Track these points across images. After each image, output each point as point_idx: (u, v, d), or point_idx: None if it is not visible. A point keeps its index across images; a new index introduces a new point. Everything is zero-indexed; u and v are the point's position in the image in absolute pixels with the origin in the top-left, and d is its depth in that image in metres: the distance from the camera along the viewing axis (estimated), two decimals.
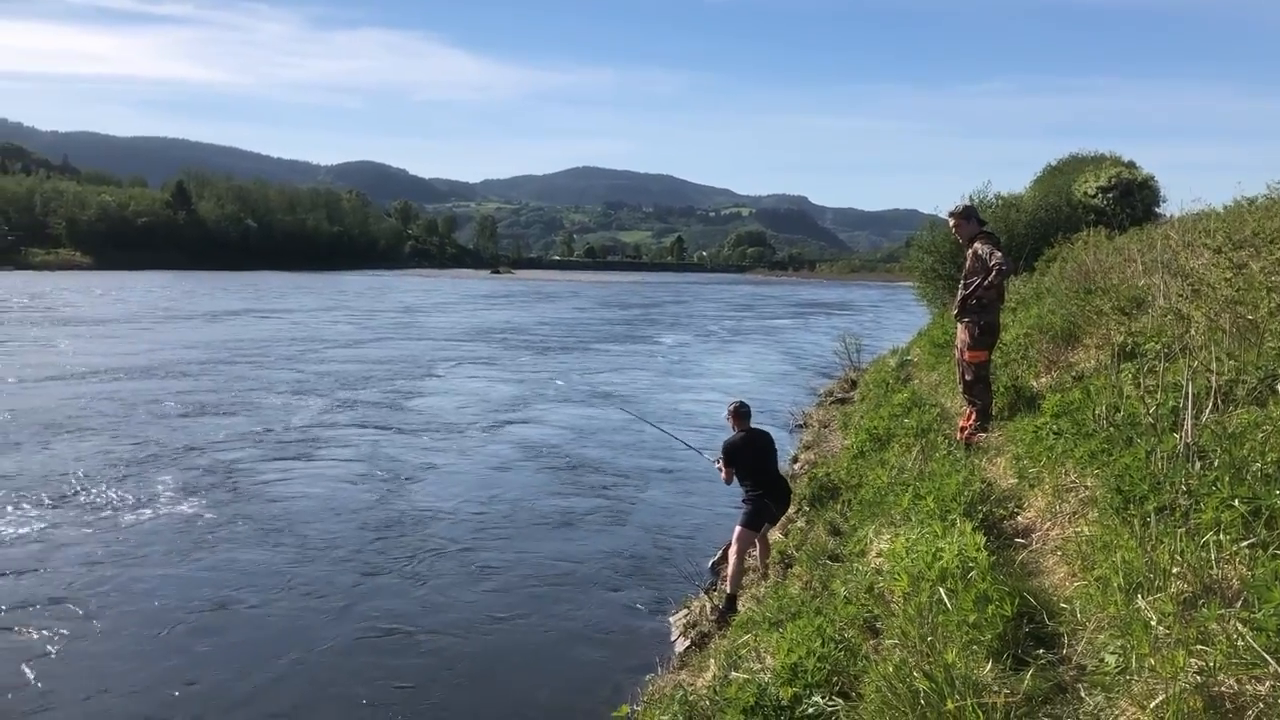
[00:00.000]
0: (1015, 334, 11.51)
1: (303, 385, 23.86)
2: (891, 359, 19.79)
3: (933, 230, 24.81)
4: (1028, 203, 24.20)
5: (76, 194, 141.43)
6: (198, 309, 51.88)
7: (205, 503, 12.67)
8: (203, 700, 7.32)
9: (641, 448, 17.00)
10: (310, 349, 32.76)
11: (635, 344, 39.63)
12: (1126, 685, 3.45)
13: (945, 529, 5.50)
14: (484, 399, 22.80)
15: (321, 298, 68.84)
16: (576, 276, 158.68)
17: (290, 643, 8.39)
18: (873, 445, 10.83)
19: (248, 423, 18.47)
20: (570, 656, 8.46)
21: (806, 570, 7.69)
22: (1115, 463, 5.52)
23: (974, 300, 8.73)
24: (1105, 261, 13.17)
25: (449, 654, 8.35)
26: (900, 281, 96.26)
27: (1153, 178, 24.24)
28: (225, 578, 9.93)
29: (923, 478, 7.48)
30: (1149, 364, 7.11)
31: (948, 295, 21.12)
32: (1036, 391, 9.24)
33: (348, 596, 9.54)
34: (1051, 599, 4.66)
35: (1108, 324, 9.50)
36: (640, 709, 6.35)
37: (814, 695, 4.76)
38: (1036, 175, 29.53)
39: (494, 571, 10.45)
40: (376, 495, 13.46)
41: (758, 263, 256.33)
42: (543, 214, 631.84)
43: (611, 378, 27.73)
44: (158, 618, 8.85)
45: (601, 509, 13.16)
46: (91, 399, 20.41)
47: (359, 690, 7.55)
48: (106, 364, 26.43)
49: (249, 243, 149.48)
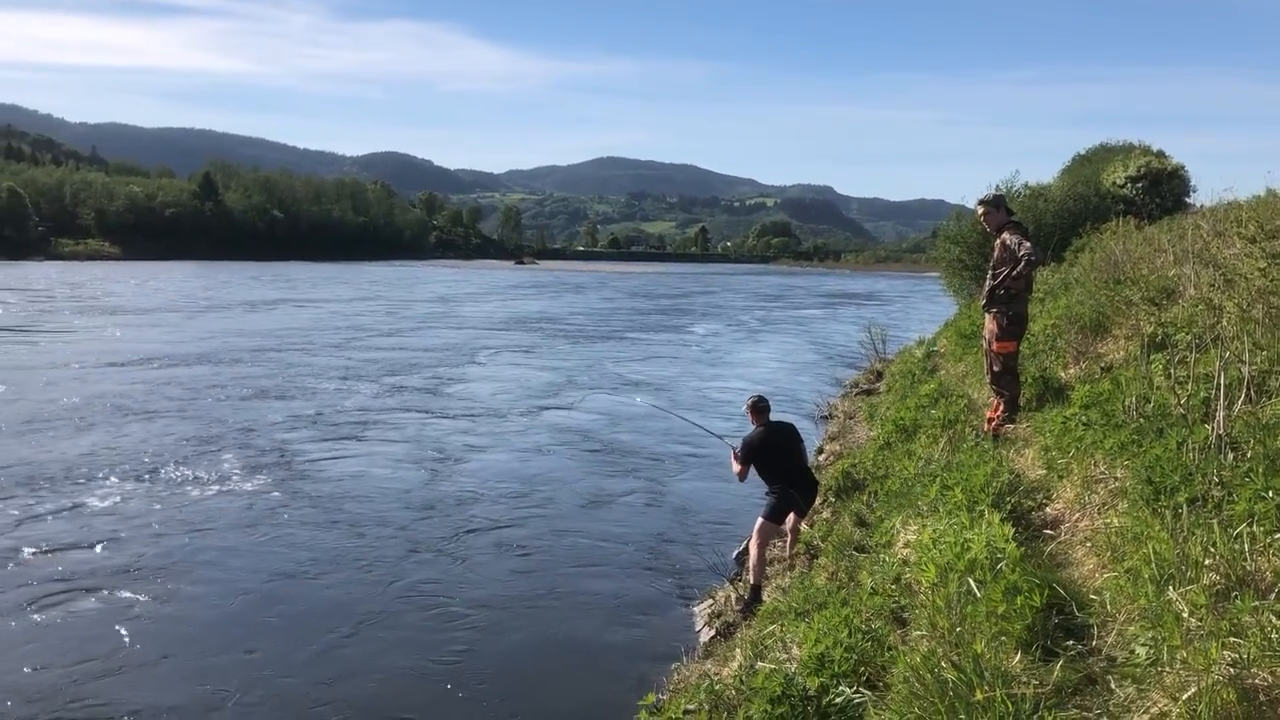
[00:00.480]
0: (1043, 325, 11.44)
1: (351, 371, 24.66)
2: (918, 350, 19.70)
3: (960, 220, 24.66)
4: (1056, 192, 24.02)
5: (105, 185, 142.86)
6: (235, 298, 52.86)
7: (265, 481, 13.26)
8: (261, 666, 7.71)
9: (671, 434, 17.18)
10: (354, 337, 33.66)
11: (668, 333, 40.12)
12: (1158, 677, 3.43)
13: (973, 520, 5.48)
14: (524, 385, 23.38)
15: (354, 288, 69.70)
16: (600, 267, 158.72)
17: (342, 615, 8.76)
18: (899, 436, 10.79)
19: (302, 406, 19.27)
20: (597, 644, 8.49)
21: (833, 561, 7.68)
22: (1146, 454, 5.48)
23: (1002, 291, 8.67)
24: (1134, 252, 13.06)
25: (483, 636, 8.47)
26: (926, 272, 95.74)
27: (1183, 167, 24.00)
28: (284, 551, 10.46)
29: (950, 469, 7.46)
30: (1180, 355, 7.05)
31: (974, 286, 21.01)
32: (1065, 382, 9.17)
33: (394, 572, 9.92)
34: (1081, 590, 4.63)
35: (1137, 314, 9.43)
36: (666, 698, 6.36)
37: (841, 685, 4.76)
38: (1065, 165, 29.33)
39: (525, 556, 10.64)
40: (422, 476, 13.96)
41: (782, 253, 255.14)
42: (567, 204, 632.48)
43: (645, 366, 28.09)
44: (222, 587, 9.35)
45: (630, 496, 13.30)
46: (154, 384, 21.34)
47: (403, 662, 7.87)
48: (161, 351, 27.41)
49: (275, 233, 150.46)
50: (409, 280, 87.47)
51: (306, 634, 8.33)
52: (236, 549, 10.44)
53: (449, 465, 14.67)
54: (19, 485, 12.56)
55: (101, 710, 6.90)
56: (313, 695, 7.26)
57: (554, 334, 37.83)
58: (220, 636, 8.26)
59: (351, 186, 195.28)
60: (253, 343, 30.53)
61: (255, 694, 7.23)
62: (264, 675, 7.52)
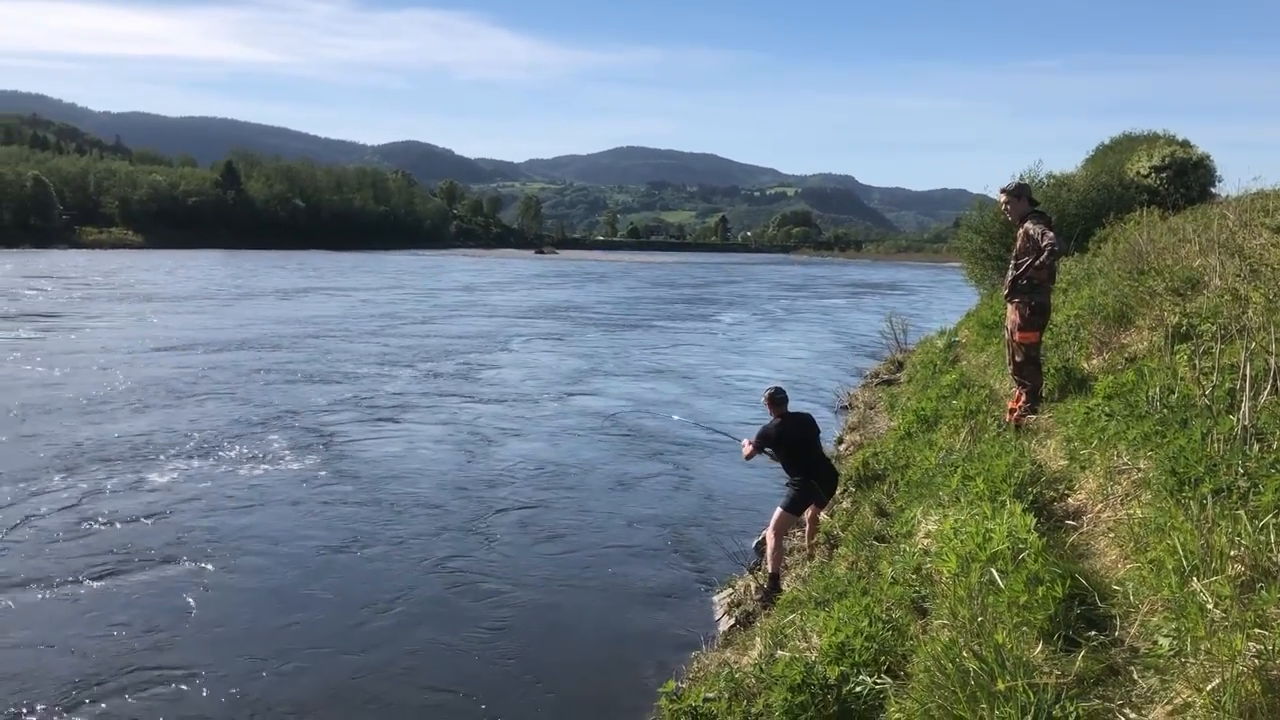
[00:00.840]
0: (1066, 315, 11.37)
1: (388, 357, 25.67)
2: (939, 340, 19.62)
3: (982, 210, 24.50)
4: (1079, 182, 23.80)
5: (128, 174, 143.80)
6: (266, 286, 54.10)
7: (311, 461, 14.00)
8: (304, 636, 8.18)
9: (700, 423, 17.40)
10: (388, 324, 34.85)
11: (693, 321, 41.26)
12: (1181, 668, 3.41)
13: (995, 510, 5.46)
14: (556, 371, 24.24)
15: (381, 277, 71.05)
16: (621, 257, 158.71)
17: (378, 591, 9.19)
18: (920, 426, 10.76)
19: (344, 390, 20.22)
20: (617, 631, 8.54)
21: (853, 551, 7.68)
22: (1169, 444, 5.45)
23: (1025, 281, 8.62)
24: (1159, 242, 12.94)
25: (506, 620, 8.65)
26: (947, 262, 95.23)
27: (1208, 157, 23.70)
28: (328, 527, 11.04)
29: (972, 459, 7.42)
30: (1205, 345, 7.00)
31: (996, 276, 20.89)
32: (1087, 373, 9.12)
33: (427, 550, 10.36)
34: (1103, 581, 4.62)
35: (1161, 305, 9.36)
36: (686, 685, 6.38)
37: (861, 674, 4.77)
38: (1088, 154, 29.04)
39: (550, 540, 10.92)
40: (457, 457, 14.60)
41: (803, 243, 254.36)
42: (587, 194, 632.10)
43: (672, 354, 28.93)
44: (271, 560, 9.93)
45: (653, 483, 13.54)
46: (202, 368, 22.34)
47: (432, 640, 8.18)
48: (204, 337, 28.62)
49: (296, 222, 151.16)
50: (433, 269, 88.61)
51: (346, 608, 8.74)
52: (285, 524, 11.06)
53: (482, 447, 15.26)
54: (89, 462, 13.36)
55: (158, 673, 7.35)
56: (349, 666, 7.61)
57: (583, 322, 38.95)
58: (268, 606, 8.74)
59: (372, 175, 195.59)
60: (291, 329, 31.71)
61: (297, 661, 7.64)
62: (306, 645, 7.96)
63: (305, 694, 7.15)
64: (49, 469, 12.89)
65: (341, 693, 7.21)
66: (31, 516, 10.92)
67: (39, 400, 17.60)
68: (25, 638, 7.89)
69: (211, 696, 7.04)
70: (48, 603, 8.63)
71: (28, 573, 9.24)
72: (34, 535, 10.35)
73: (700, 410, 18.31)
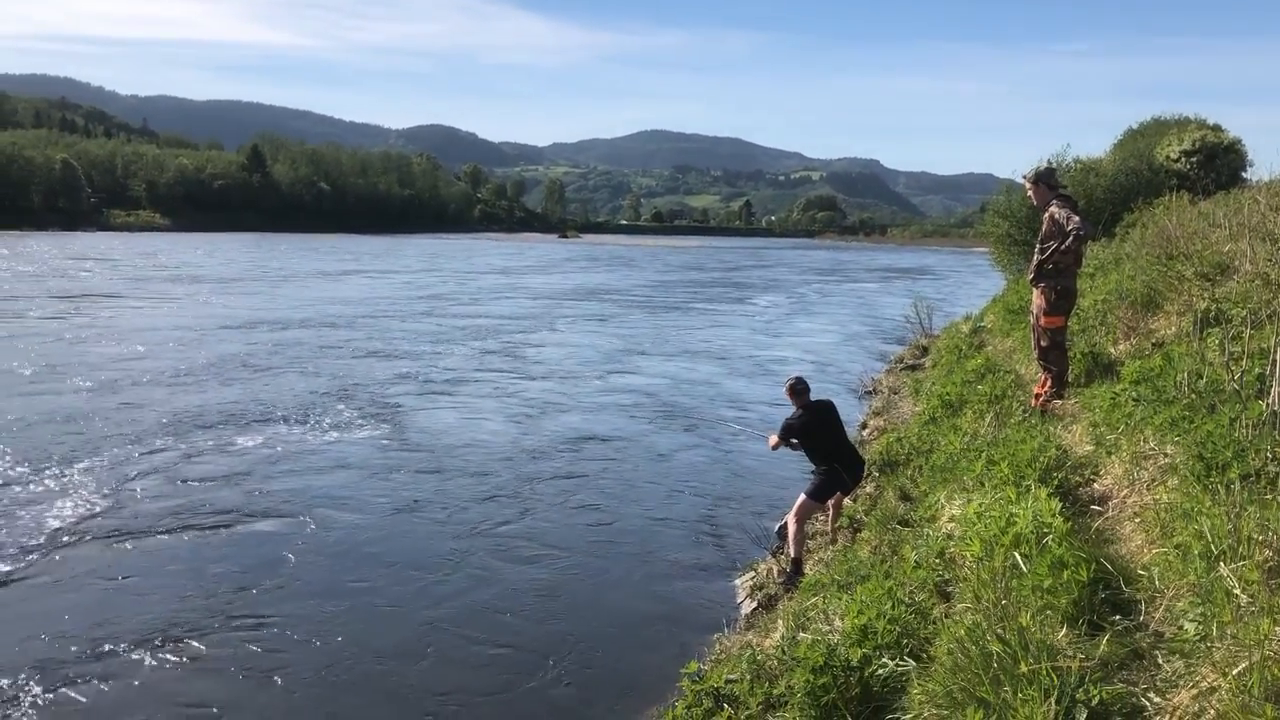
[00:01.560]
0: (1093, 300, 11.28)
1: (441, 336, 27.11)
2: (965, 325, 19.53)
3: (1009, 195, 24.31)
4: (1107, 167, 23.59)
5: (155, 157, 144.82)
6: (307, 269, 55.79)
7: (380, 430, 15.08)
8: (367, 594, 8.78)
9: (730, 401, 18.49)
10: (437, 305, 36.56)
11: (728, 304, 42.43)
12: (1207, 652, 3.40)
13: (1019, 494, 5.44)
14: (600, 350, 25.32)
15: (417, 259, 73.01)
16: (644, 241, 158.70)
17: (430, 554, 9.82)
18: (945, 411, 10.72)
19: (405, 365, 21.52)
20: (641, 612, 8.58)
21: (876, 535, 7.67)
22: (1197, 430, 5.41)
23: (1050, 265, 8.56)
24: (1188, 226, 12.81)
25: (536, 597, 8.81)
26: (974, 247, 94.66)
27: (1239, 141, 23.43)
28: (391, 492, 11.87)
29: (996, 444, 7.40)
30: (1234, 330, 6.93)
31: (1023, 261, 20.74)
32: (1114, 358, 9.05)
33: (473, 519, 10.92)
34: (1128, 566, 4.60)
35: (1190, 290, 9.27)
36: (708, 667, 6.40)
37: (884, 656, 4.76)
38: (1117, 139, 28.75)
39: (581, 516, 11.26)
40: (505, 430, 15.43)
41: (828, 227, 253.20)
42: (610, 178, 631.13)
43: (709, 334, 30.01)
44: (344, 520, 10.73)
45: (684, 464, 13.79)
46: (271, 345, 23.85)
47: (469, 608, 8.55)
48: (265, 316, 30.26)
49: (322, 206, 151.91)
50: (464, 252, 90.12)
51: (406, 572, 9.29)
52: (357, 488, 11.98)
53: (529, 421, 16.07)
54: (188, 427, 14.62)
55: (247, 619, 8.06)
56: (400, 628, 8.07)
57: (623, 304, 40.46)
58: (341, 562, 9.50)
59: (397, 159, 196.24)
60: (347, 310, 33.33)
61: (354, 617, 8.27)
62: (367, 601, 8.60)
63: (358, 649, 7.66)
64: (154, 433, 14.10)
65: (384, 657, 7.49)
66: (141, 474, 12.03)
67: (134, 373, 18.95)
68: (130, 582, 8.78)
69: (291, 640, 7.71)
70: (152, 549, 9.62)
71: (137, 523, 10.28)
72: (142, 490, 11.38)
73: (733, 394, 19.17)
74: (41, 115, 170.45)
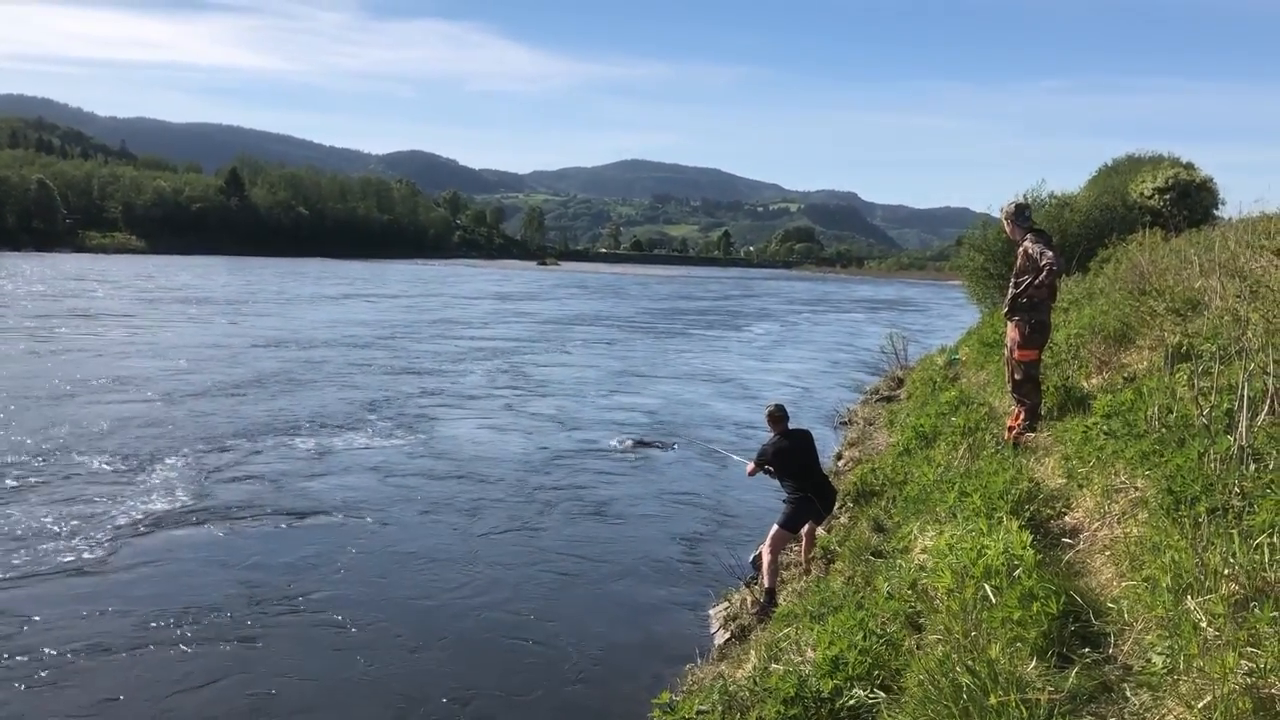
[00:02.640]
0: (1067, 334, 11.37)
1: (460, 356, 29.16)
2: (939, 357, 19.64)
3: (985, 229, 24.50)
4: (1082, 203, 23.82)
5: (133, 179, 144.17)
6: (306, 292, 57.25)
7: (405, 442, 16.47)
8: (383, 587, 9.70)
9: (717, 425, 19.14)
10: (449, 328, 38.48)
11: (724, 331, 45.15)
12: (1174, 685, 3.41)
13: (991, 526, 5.46)
14: (607, 372, 27.07)
15: (410, 284, 74.53)
16: (624, 269, 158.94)
17: (420, 581, 10.04)
18: (919, 443, 10.76)
19: (428, 382, 23.28)
20: (614, 641, 8.56)
21: (849, 565, 7.68)
22: (1167, 464, 5.45)
23: (1025, 299, 8.64)
24: (1160, 263, 12.96)
25: (507, 627, 8.80)
26: (949, 280, 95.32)
27: (1211, 179, 23.72)
28: (418, 495, 13.13)
29: (969, 475, 7.43)
30: (1204, 366, 7.00)
31: (998, 294, 20.89)
32: (1087, 392, 9.12)
33: (458, 544, 11.23)
34: (1098, 598, 4.62)
35: (1162, 325, 9.37)
36: (680, 698, 6.37)
37: (855, 688, 4.76)
38: (1092, 175, 29.06)
39: (556, 547, 11.27)
40: (506, 451, 16.33)
41: (805, 259, 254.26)
42: (590, 206, 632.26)
43: (705, 359, 31.90)
44: (376, 518, 12.03)
45: (663, 491, 13.97)
46: (302, 362, 25.53)
47: (447, 637, 8.64)
48: (286, 336, 31.87)
49: (300, 230, 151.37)
50: (451, 278, 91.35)
51: (427, 574, 10.09)
52: (386, 490, 13.33)
53: (530, 441, 17.09)
54: (247, 433, 16.22)
55: (302, 602, 9.15)
56: (378, 659, 8.13)
57: (627, 329, 42.97)
58: (360, 557, 10.53)
59: (376, 185, 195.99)
60: (365, 330, 35.32)
61: (359, 607, 9.14)
62: (400, 592, 9.57)
63: None
64: (218, 436, 15.83)
65: None
66: (208, 473, 13.59)
67: (189, 386, 20.69)
68: (199, 565, 10.03)
69: (333, 616, 8.83)
70: (220, 537, 10.96)
71: (205, 512, 11.73)
72: (210, 487, 12.92)
73: (720, 413, 20.65)
74: (18, 135, 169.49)
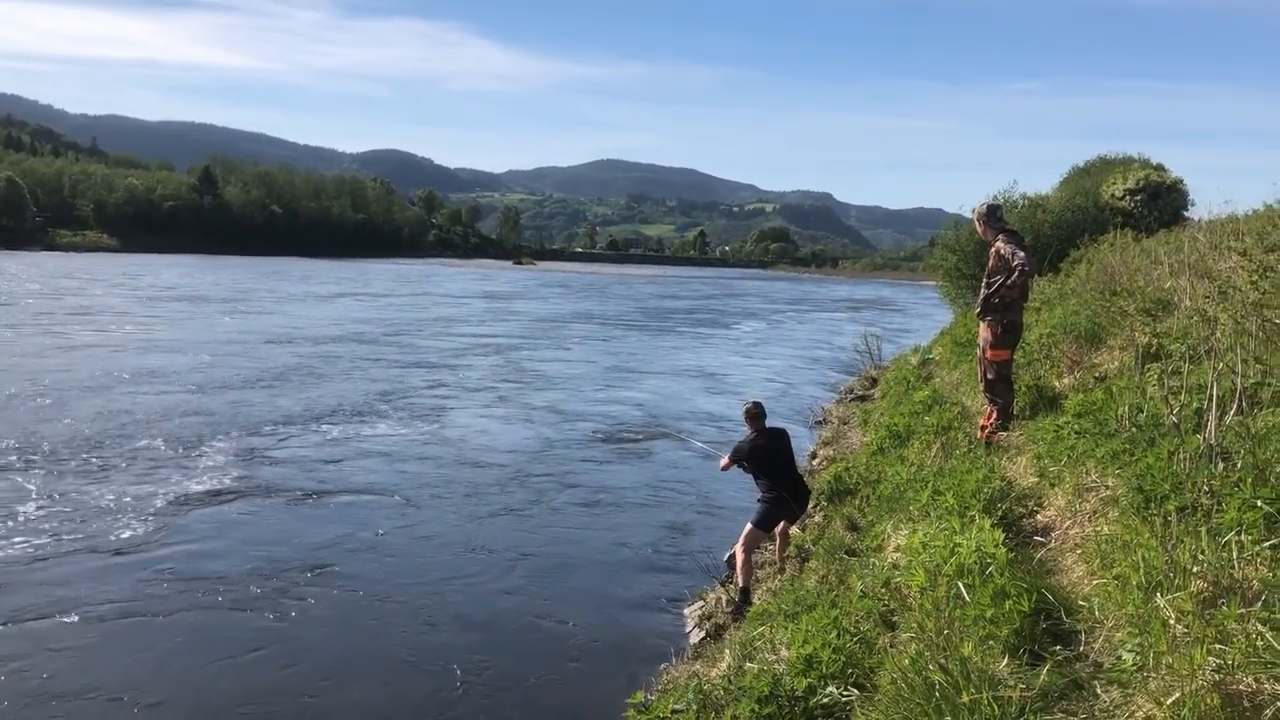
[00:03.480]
0: (1039, 334, 11.45)
1: (462, 350, 30.43)
2: (913, 357, 19.73)
3: (958, 229, 24.65)
4: (1054, 204, 24.00)
5: (104, 177, 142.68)
6: (299, 291, 58.29)
7: (418, 431, 17.25)
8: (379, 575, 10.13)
9: (695, 418, 19.76)
10: (447, 326, 39.59)
11: (717, 328, 47.15)
12: (1143, 682, 3.44)
13: (964, 525, 5.49)
14: (605, 367, 28.26)
15: (399, 283, 75.20)
16: (600, 269, 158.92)
17: (399, 575, 10.15)
18: (892, 442, 10.81)
19: (436, 376, 24.44)
20: (589, 642, 8.53)
21: (823, 564, 7.70)
22: (1137, 463, 5.50)
23: (997, 299, 8.69)
24: (1131, 263, 13.07)
25: (479, 629, 8.73)
26: (922, 280, 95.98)
27: (1181, 181, 23.95)
28: (425, 479, 13.90)
29: (942, 474, 7.47)
30: (1174, 365, 7.07)
31: (971, 294, 21.01)
32: (1058, 391, 9.19)
33: (427, 541, 11.30)
34: (1069, 596, 4.65)
35: (1132, 325, 9.45)
36: (655, 697, 6.36)
37: (829, 686, 4.78)
38: (1064, 176, 29.28)
39: (542, 538, 11.45)
40: (513, 437, 17.25)
41: (780, 259, 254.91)
42: (566, 205, 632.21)
43: (695, 356, 32.95)
44: (363, 500, 12.77)
45: (640, 489, 13.99)
46: (316, 357, 26.61)
47: (417, 637, 8.63)
48: (289, 333, 32.61)
49: (274, 229, 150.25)
50: (435, 277, 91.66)
51: (368, 583, 9.88)
52: (392, 477, 13.94)
53: (519, 434, 17.55)
54: (276, 423, 17.17)
55: (321, 574, 9.83)
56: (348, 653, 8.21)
57: (619, 327, 44.43)
58: (362, 536, 11.15)
59: (351, 183, 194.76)
60: (367, 328, 36.22)
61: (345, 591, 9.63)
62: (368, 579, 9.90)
63: None
64: (254, 423, 16.92)
65: None
66: (247, 456, 14.58)
67: (216, 379, 21.62)
68: (237, 541, 10.79)
69: (352, 591, 9.48)
70: (255, 513, 11.88)
71: (243, 491, 12.73)
72: (249, 469, 13.87)
73: (703, 407, 21.27)
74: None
